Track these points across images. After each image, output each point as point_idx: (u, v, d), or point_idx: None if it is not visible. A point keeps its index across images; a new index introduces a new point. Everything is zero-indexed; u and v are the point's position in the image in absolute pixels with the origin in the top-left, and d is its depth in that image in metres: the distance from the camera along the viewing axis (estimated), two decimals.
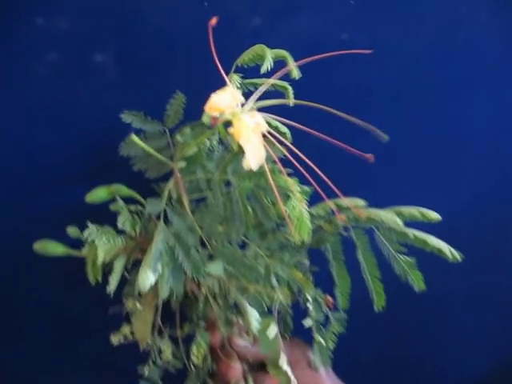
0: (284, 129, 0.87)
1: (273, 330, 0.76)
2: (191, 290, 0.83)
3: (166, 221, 0.77)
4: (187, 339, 0.89)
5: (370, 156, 0.74)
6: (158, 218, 0.79)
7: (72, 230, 0.81)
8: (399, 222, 0.88)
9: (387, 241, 0.93)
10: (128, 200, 0.83)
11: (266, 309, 0.81)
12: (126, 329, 0.86)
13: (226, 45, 0.71)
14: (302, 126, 0.76)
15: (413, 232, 0.92)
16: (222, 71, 0.70)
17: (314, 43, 1.04)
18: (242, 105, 0.71)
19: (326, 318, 0.92)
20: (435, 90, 1.12)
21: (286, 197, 0.75)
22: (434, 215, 0.91)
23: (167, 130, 0.88)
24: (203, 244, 0.81)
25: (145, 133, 0.88)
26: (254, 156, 0.69)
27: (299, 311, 0.91)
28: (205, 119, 0.78)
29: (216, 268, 0.79)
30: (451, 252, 0.91)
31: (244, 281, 0.78)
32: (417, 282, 0.92)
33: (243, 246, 0.84)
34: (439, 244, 0.91)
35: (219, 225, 0.79)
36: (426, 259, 0.87)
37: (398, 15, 1.08)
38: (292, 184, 0.76)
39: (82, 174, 0.99)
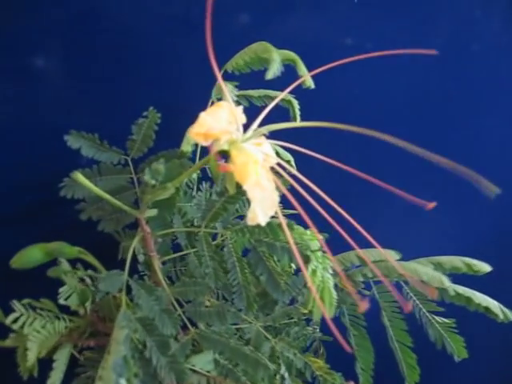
0: (287, 155, 0.65)
1: None
2: None
3: (131, 299, 0.52)
4: None
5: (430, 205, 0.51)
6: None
7: None
8: (446, 281, 0.65)
9: (419, 299, 0.71)
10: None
11: None
12: None
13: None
14: (308, 151, 0.52)
15: (453, 288, 0.70)
16: (219, 76, 0.45)
17: (315, 46, 0.81)
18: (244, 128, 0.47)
19: None
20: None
21: (305, 257, 0.52)
22: (484, 267, 0.70)
23: (131, 162, 0.61)
24: (183, 326, 0.56)
25: (99, 165, 0.61)
26: (264, 206, 0.45)
27: None
28: (185, 147, 0.54)
29: (204, 362, 0.54)
30: (502, 311, 0.70)
31: (244, 380, 0.54)
32: (457, 350, 0.72)
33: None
34: (487, 301, 0.70)
35: (207, 299, 0.55)
36: None
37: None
38: (311, 238, 0.53)
39: (10, 218, 0.72)
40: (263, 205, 0.47)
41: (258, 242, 0.55)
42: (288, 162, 0.63)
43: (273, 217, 0.45)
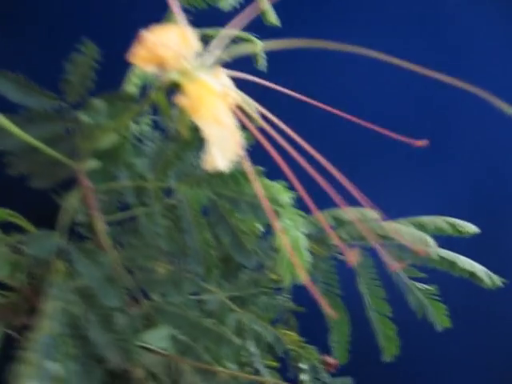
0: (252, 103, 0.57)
1: None
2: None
3: (69, 265, 0.44)
4: None
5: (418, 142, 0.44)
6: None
7: None
8: (431, 242, 0.59)
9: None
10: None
11: None
12: None
13: None
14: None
15: (436, 251, 0.63)
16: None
17: None
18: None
19: None
20: None
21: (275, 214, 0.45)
22: (470, 227, 0.63)
23: (67, 107, 0.51)
24: (134, 299, 0.48)
25: (29, 111, 0.50)
26: (224, 147, 0.38)
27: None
28: (130, 87, 0.45)
29: (158, 338, 0.46)
30: (489, 276, 0.64)
31: (206, 358, 0.46)
32: (439, 319, 0.65)
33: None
34: (472, 266, 0.64)
35: (160, 266, 0.46)
36: None
37: None
38: (281, 192, 0.45)
39: None
40: (223, 146, 0.38)
41: (218, 196, 0.47)
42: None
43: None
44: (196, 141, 0.44)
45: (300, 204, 0.49)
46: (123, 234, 0.48)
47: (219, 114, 0.38)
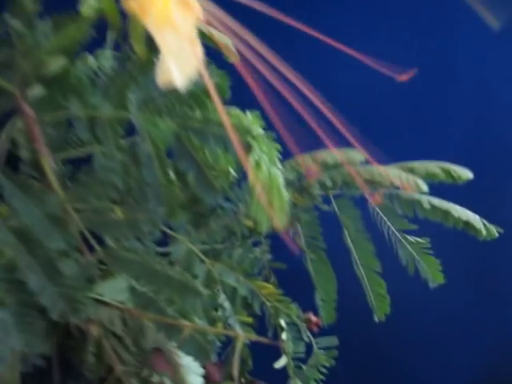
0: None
1: None
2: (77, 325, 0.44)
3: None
4: None
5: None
6: None
7: None
8: (422, 185, 0.53)
9: (388, 216, 0.59)
10: None
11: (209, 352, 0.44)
12: None
13: None
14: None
15: (428, 200, 0.58)
16: None
17: None
18: None
19: (308, 347, 0.56)
20: None
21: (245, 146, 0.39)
22: (465, 172, 0.58)
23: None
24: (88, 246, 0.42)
25: None
26: (181, 60, 0.32)
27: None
28: (85, 8, 0.39)
29: (115, 290, 0.41)
30: (485, 226, 0.59)
31: (170, 312, 0.40)
32: (431, 274, 0.61)
33: (165, 242, 0.46)
34: (467, 215, 0.58)
35: (116, 207, 0.40)
36: None
37: None
38: (254, 122, 0.40)
39: None
40: (180, 58, 0.32)
41: (182, 127, 0.41)
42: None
43: None
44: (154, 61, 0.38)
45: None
46: (75, 174, 0.42)
47: (174, 18, 0.32)
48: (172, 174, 0.40)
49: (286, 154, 0.57)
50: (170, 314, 0.41)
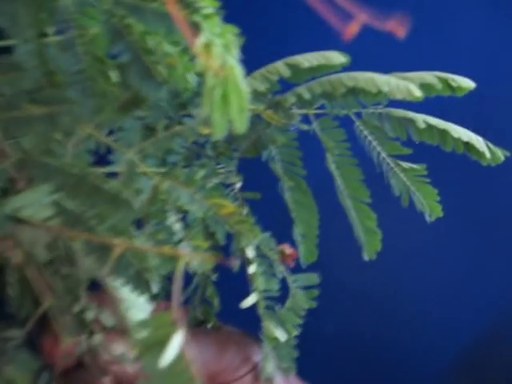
0: None
1: (174, 344, 0.31)
2: None
3: None
4: None
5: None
6: None
7: None
8: (416, 91, 0.45)
9: (378, 138, 0.51)
10: None
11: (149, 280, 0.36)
12: None
13: None
14: None
15: (424, 118, 0.50)
16: None
17: None
18: None
19: (282, 284, 0.48)
20: None
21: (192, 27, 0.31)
22: (466, 82, 0.50)
23: None
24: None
25: None
26: None
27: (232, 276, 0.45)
28: None
29: (35, 205, 0.33)
30: (490, 149, 0.51)
31: (100, 231, 0.33)
32: (428, 206, 0.53)
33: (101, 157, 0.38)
34: (469, 137, 0.50)
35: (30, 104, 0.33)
36: None
37: None
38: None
39: None
40: None
41: (115, 4, 0.33)
42: None
43: None
44: None
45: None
46: None
47: None
48: (101, 57, 0.33)
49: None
50: (100, 234, 0.33)
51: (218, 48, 0.33)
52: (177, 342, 0.30)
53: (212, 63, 0.33)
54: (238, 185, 0.49)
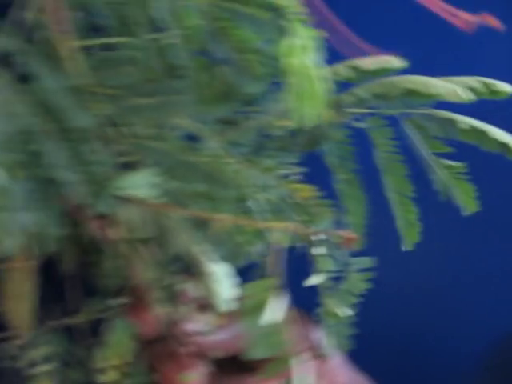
0: None
1: (276, 309, 0.35)
2: (92, 232, 0.41)
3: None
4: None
5: None
6: None
7: None
8: (463, 94, 0.49)
9: (424, 137, 0.55)
10: None
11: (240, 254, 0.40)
12: None
13: None
14: None
15: (465, 120, 0.54)
16: None
17: None
18: None
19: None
20: None
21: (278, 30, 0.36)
22: (506, 88, 0.54)
23: None
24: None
25: None
26: None
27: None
28: None
29: (143, 184, 0.37)
30: None
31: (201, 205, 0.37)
32: (466, 201, 0.56)
33: None
34: (505, 138, 0.55)
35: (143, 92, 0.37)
36: None
37: None
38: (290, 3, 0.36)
39: None
40: None
41: (215, 6, 0.37)
42: None
43: None
44: None
45: None
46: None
47: None
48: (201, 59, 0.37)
49: None
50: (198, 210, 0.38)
51: (299, 49, 0.37)
52: (273, 306, 0.34)
53: (294, 63, 0.37)
54: (298, 176, 0.53)
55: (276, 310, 0.34)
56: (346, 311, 0.50)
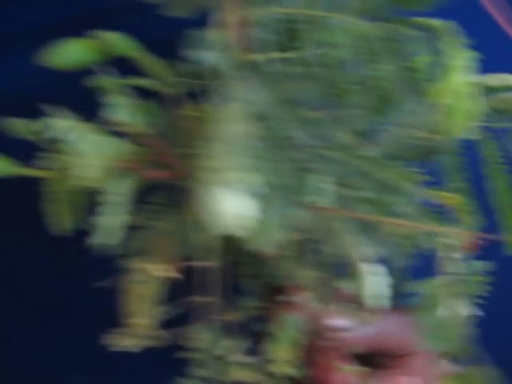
0: None
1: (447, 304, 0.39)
2: None
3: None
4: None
5: None
6: (192, 97, 0.40)
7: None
8: None
9: None
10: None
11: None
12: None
13: None
14: None
15: None
16: None
17: None
18: None
19: None
20: None
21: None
22: None
23: None
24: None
25: None
26: None
27: None
28: None
29: (319, 191, 0.41)
30: None
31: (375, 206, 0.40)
32: None
33: None
34: None
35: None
36: None
37: None
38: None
39: None
40: None
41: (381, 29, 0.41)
42: None
43: None
44: None
45: None
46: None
47: None
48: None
49: None
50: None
51: (455, 70, 0.41)
52: (451, 302, 0.38)
53: (449, 82, 0.41)
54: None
55: (453, 306, 0.37)
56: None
